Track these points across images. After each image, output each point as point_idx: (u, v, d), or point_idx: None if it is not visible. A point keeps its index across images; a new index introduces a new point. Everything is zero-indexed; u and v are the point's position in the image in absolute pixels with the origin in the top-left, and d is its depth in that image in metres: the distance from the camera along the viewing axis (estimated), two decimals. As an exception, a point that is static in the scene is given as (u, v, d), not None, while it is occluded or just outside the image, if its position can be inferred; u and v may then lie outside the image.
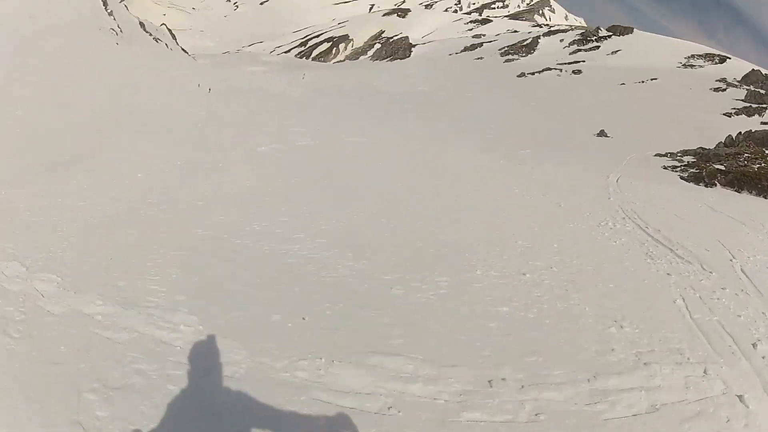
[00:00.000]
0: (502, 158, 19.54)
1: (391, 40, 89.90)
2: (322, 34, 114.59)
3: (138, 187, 13.73)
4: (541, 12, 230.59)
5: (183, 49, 55.84)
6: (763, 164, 19.16)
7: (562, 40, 72.02)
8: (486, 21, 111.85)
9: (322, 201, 13.02)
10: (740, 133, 24.10)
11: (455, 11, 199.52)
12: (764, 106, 35.72)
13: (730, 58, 56.29)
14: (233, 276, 7.75)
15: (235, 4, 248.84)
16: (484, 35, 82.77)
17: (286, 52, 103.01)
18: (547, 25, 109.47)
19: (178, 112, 26.43)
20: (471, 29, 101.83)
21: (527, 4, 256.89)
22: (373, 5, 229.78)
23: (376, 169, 17.48)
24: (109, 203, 11.97)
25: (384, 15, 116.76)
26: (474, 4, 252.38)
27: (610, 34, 69.33)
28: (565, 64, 58.84)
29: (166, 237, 9.52)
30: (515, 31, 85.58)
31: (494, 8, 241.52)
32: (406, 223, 11.20)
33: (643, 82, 46.22)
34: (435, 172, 17.28)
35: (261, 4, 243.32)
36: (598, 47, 66.49)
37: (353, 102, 34.12)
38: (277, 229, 10.45)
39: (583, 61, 60.26)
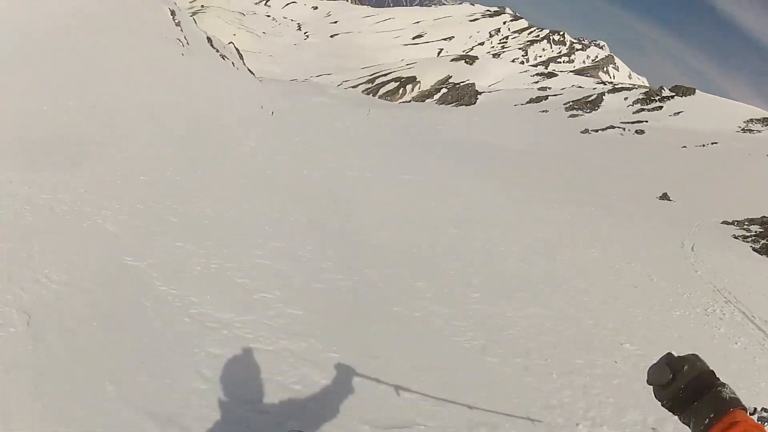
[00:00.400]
0: (569, 214, 18.94)
1: (457, 86, 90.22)
2: (390, 73, 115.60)
3: (115, 191, 11.35)
4: (605, 69, 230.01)
5: (249, 70, 53.49)
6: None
7: (626, 98, 71.20)
8: (552, 75, 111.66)
9: (329, 246, 10.42)
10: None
11: (522, 62, 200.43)
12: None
13: (787, 124, 54.90)
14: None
15: (305, 33, 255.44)
16: (549, 88, 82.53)
17: (353, 87, 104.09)
18: (611, 82, 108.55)
19: (230, 130, 25.08)
20: (537, 81, 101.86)
21: (592, 60, 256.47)
22: (441, 49, 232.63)
23: (423, 212, 15.14)
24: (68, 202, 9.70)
25: (452, 60, 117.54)
26: (540, 57, 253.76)
27: (673, 94, 68.20)
28: (629, 123, 58.05)
29: (54, 263, 7.02)
30: (580, 87, 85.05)
31: (560, 62, 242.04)
32: (442, 309, 8.12)
33: (703, 145, 45.34)
34: (491, 224, 15.21)
35: (331, 36, 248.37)
36: (660, 107, 65.47)
37: (414, 142, 33.83)
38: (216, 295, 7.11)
39: (646, 121, 59.38)
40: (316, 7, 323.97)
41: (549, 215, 18.28)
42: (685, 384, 1.78)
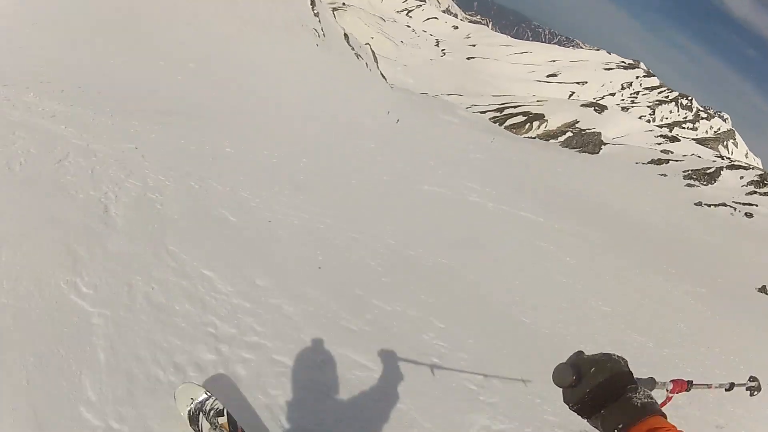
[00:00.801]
0: (670, 294, 17.71)
1: (583, 132, 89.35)
2: (519, 106, 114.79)
3: (178, 157, 8.86)
4: (725, 143, 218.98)
5: (382, 75, 51.12)
6: None
7: (742, 177, 68.95)
8: (674, 139, 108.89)
9: (465, 331, 7.70)
10: None
11: (648, 121, 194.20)
12: None
13: None
14: None
15: (443, 50, 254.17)
16: (671, 152, 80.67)
17: (481, 113, 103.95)
18: (729, 158, 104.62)
19: (352, 128, 24.02)
20: (659, 143, 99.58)
21: (714, 132, 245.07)
22: (573, 93, 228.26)
23: (539, 259, 13.39)
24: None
25: (581, 105, 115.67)
26: (666, 119, 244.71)
27: (784, 181, 65.64)
28: (740, 204, 56.48)
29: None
30: (699, 157, 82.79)
31: (684, 128, 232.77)
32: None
33: (807, 239, 44.11)
34: (617, 312, 12.82)
35: (467, 59, 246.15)
36: (771, 192, 63.21)
37: (534, 181, 33.17)
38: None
39: (756, 205, 57.64)
40: (456, 27, 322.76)
41: (665, 297, 17.14)
42: (591, 388, 1.62)
